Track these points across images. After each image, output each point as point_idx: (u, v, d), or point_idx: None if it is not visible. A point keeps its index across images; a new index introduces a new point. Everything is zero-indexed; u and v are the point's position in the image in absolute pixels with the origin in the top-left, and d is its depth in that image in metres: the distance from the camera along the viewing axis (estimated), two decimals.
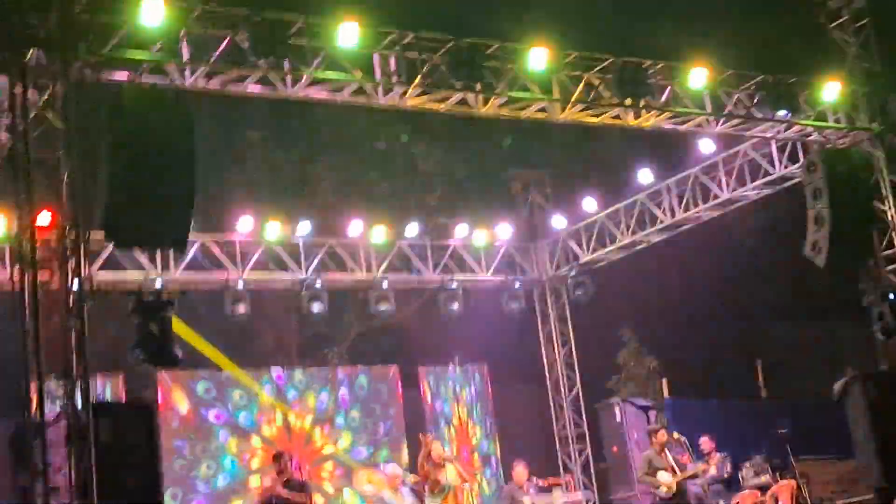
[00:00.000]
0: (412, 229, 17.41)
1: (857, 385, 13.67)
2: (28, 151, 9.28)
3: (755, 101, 13.83)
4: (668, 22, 18.66)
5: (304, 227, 16.57)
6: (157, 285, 13.80)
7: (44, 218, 9.49)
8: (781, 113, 13.89)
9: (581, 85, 12.71)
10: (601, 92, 12.90)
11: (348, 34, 10.98)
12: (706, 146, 15.80)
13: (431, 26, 11.67)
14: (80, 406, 8.86)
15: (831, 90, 14.09)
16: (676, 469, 14.58)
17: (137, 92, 9.94)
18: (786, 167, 15.40)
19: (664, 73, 13.10)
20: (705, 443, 15.68)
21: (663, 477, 14.45)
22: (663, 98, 13.25)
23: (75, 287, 9.29)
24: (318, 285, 16.69)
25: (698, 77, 13.15)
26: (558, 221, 18.54)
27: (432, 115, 14.30)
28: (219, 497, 16.03)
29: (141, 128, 9.61)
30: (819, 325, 18.84)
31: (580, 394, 18.84)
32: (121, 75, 10.44)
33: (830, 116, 14.55)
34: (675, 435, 15.25)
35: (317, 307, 16.70)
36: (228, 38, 10.54)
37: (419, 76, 11.68)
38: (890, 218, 14.37)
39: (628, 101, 12.86)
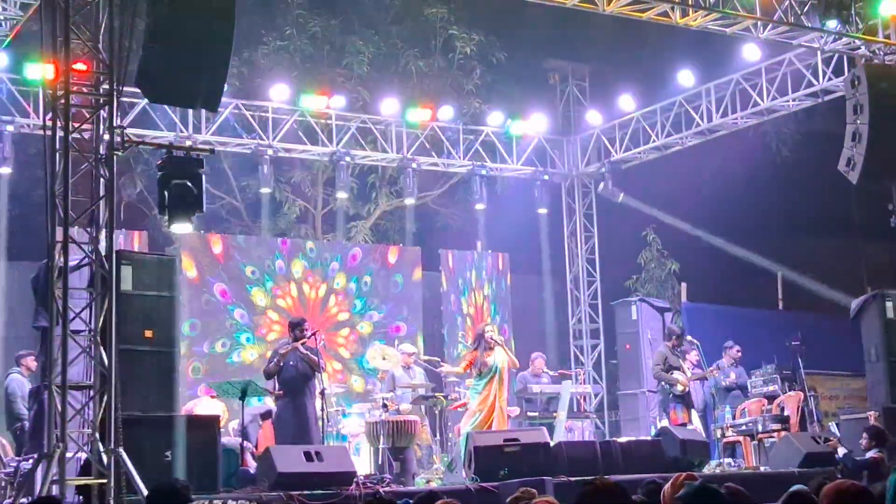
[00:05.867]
0: (446, 112, 17.30)
1: (876, 303, 13.69)
2: None
3: (805, 8, 13.56)
4: None
5: (338, 101, 16.52)
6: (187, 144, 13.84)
7: (80, 66, 9.48)
8: (831, 23, 13.61)
9: None
10: None
11: None
12: (750, 52, 15.51)
13: None
14: (103, 252, 8.98)
15: (887, 4, 13.75)
16: (686, 370, 14.76)
17: None
18: (829, 80, 15.17)
19: None
20: (736, 351, 15.61)
21: (678, 375, 14.62)
22: None
23: (106, 137, 9.33)
24: (346, 160, 16.72)
25: None
26: (593, 117, 18.39)
27: None
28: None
29: None
30: (844, 242, 18.73)
31: (599, 290, 18.96)
32: None
33: (881, 32, 14.24)
34: (689, 338, 15.37)
35: (344, 182, 16.79)
36: None
37: None
38: None
39: None
